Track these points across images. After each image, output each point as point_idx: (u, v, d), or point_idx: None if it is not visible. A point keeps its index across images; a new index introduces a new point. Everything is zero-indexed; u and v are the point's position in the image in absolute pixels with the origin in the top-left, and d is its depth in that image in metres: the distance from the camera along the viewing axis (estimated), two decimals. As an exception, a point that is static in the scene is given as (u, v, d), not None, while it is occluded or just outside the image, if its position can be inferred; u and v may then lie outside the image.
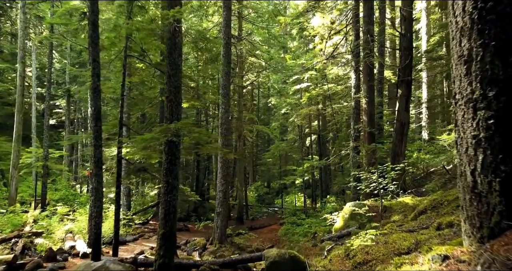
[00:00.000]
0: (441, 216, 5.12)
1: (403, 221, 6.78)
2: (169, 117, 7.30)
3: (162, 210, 7.16)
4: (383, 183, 9.14)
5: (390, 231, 4.68)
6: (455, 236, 3.24)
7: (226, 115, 14.89)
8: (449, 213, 5.19)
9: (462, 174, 2.76)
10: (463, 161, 2.74)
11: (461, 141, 2.78)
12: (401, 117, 12.63)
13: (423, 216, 5.60)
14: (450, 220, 3.66)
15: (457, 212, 5.05)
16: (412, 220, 5.98)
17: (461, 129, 2.79)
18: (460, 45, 2.78)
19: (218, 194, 14.80)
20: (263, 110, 46.17)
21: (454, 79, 2.90)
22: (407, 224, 5.34)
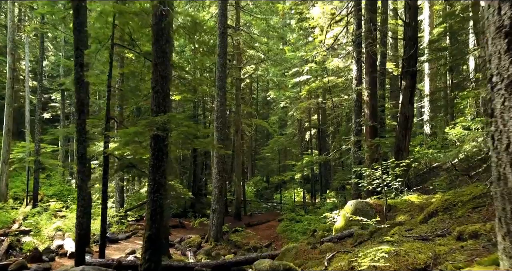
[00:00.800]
0: (456, 220, 4.55)
1: (410, 222, 6.21)
2: (155, 109, 6.70)
3: (148, 210, 6.59)
4: (387, 180, 8.59)
5: (400, 239, 4.11)
6: (484, 251, 2.68)
7: (222, 108, 14.29)
8: (464, 216, 4.62)
9: (500, 177, 2.18)
10: (503, 160, 2.15)
11: (499, 136, 2.19)
12: (405, 110, 12.01)
13: (435, 218, 5.03)
14: (474, 229, 3.09)
15: (475, 215, 4.48)
16: (421, 223, 5.41)
17: (499, 121, 2.20)
18: (499, 14, 2.18)
19: (214, 190, 14.26)
20: (262, 104, 45.52)
21: (490, 58, 2.31)
22: (417, 229, 4.76)
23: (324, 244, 7.41)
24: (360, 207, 8.25)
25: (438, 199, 5.76)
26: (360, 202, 8.41)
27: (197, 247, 13.43)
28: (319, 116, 25.62)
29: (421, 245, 3.40)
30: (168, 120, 6.39)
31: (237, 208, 21.27)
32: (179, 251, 12.98)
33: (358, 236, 6.84)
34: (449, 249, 2.96)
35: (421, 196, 8.44)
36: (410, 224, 6.07)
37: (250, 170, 39.12)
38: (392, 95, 22.04)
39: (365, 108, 12.72)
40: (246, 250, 14.28)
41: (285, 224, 18.11)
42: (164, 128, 6.43)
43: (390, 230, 6.32)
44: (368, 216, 8.01)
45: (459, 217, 4.66)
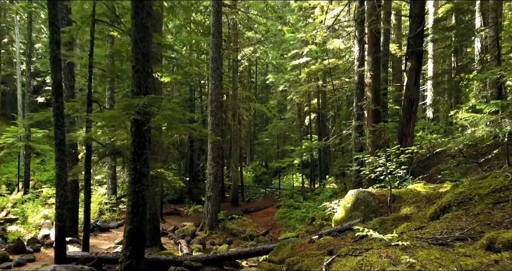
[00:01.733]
0: (475, 218, 3.93)
1: (418, 216, 5.61)
2: (136, 91, 6.02)
3: (129, 202, 5.99)
4: (390, 167, 7.98)
5: (411, 242, 3.49)
6: (530, 272, 2.09)
7: (216, 91, 13.58)
8: (484, 213, 4.01)
9: None
10: None
11: None
12: (410, 93, 11.30)
13: (448, 214, 4.41)
14: (510, 238, 2.47)
15: (497, 212, 3.86)
16: (432, 219, 4.80)
17: None
18: None
19: (209, 177, 13.69)
20: (261, 88, 44.64)
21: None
22: (429, 227, 4.15)
23: (323, 237, 6.84)
24: (361, 197, 7.67)
25: (450, 191, 5.13)
26: (362, 191, 7.82)
27: (191, 235, 12.96)
28: (319, 100, 24.88)
29: (440, 254, 2.78)
30: (149, 103, 5.72)
31: (234, 194, 20.79)
32: (172, 240, 12.50)
33: (360, 231, 6.25)
34: (479, 263, 2.35)
35: (428, 185, 7.84)
36: (418, 219, 5.47)
37: (249, 155, 38.58)
38: (394, 78, 21.27)
39: (367, 91, 12.01)
40: (242, 238, 13.82)
41: (283, 211, 17.64)
42: (145, 112, 5.76)
43: (395, 225, 5.73)
44: (370, 207, 7.45)
45: (477, 214, 4.04)
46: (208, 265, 7.43)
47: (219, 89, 13.72)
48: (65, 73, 11.56)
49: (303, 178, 24.40)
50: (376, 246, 4.36)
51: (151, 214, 10.55)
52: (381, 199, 7.57)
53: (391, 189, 7.05)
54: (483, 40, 19.91)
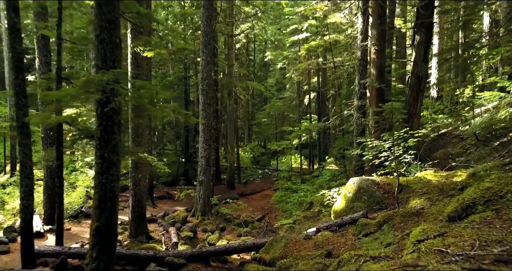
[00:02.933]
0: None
1: (431, 213, 4.80)
2: (100, 65, 5.07)
3: (96, 195, 5.16)
4: (397, 152, 7.13)
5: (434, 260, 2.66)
6: None
7: (207, 68, 12.57)
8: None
9: None
10: None
11: None
12: (418, 70, 10.34)
13: (475, 216, 3.57)
14: None
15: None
16: (452, 220, 3.97)
17: None
18: None
19: (201, 160, 12.87)
20: (260, 66, 43.37)
21: None
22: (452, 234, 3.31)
23: (320, 233, 6.06)
24: (364, 186, 6.84)
25: (474, 186, 4.27)
26: (365, 180, 6.99)
27: (182, 222, 12.25)
28: (319, 79, 23.80)
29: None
30: (114, 80, 4.79)
31: (230, 176, 20.05)
32: (162, 227, 11.79)
33: (363, 226, 5.46)
34: None
35: (439, 172, 7.00)
36: (433, 216, 4.65)
37: (247, 135, 37.74)
38: (398, 55, 20.17)
39: (371, 67, 11.02)
40: (237, 224, 13.14)
41: (281, 194, 16.93)
42: (111, 90, 4.84)
43: (405, 222, 4.92)
44: (374, 198, 6.64)
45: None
46: (193, 262, 6.68)
47: (210, 65, 12.70)
48: (39, 48, 10.57)
49: (302, 159, 23.63)
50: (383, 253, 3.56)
51: (136, 201, 9.80)
52: (387, 188, 6.75)
53: (399, 178, 6.20)
54: (493, 14, 18.70)
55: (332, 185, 14.73)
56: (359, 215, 6.15)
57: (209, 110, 12.65)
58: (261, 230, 12.75)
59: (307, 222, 12.13)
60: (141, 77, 9.61)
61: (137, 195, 9.77)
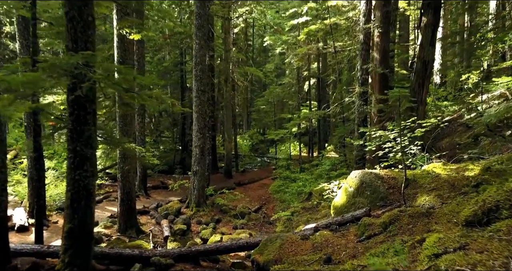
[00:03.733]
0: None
1: (445, 214, 4.26)
2: (71, 46, 4.46)
3: (68, 193, 4.61)
4: (403, 143, 6.58)
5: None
6: None
7: (201, 52, 11.90)
8: None
9: None
10: None
11: None
12: (424, 54, 9.69)
13: (501, 224, 3.03)
14: None
15: None
16: (470, 224, 3.43)
17: None
18: None
19: (195, 150, 12.32)
20: (259, 51, 42.46)
21: None
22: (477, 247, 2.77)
23: (319, 232, 5.54)
24: (367, 180, 6.30)
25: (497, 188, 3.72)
26: (367, 173, 6.44)
27: (175, 214, 11.78)
28: (319, 64, 23.07)
29: None
30: (85, 63, 4.18)
31: (227, 165, 19.54)
32: (154, 219, 11.32)
33: (367, 227, 4.93)
34: None
35: (448, 165, 6.44)
36: (445, 217, 4.12)
37: (246, 122, 37.13)
38: (401, 39, 19.42)
39: (375, 51, 10.36)
40: (233, 216, 12.69)
41: (279, 184, 16.46)
42: (80, 75, 4.24)
43: (414, 224, 4.39)
44: (377, 193, 6.10)
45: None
46: (182, 261, 6.20)
47: (204, 50, 12.03)
48: (20, 30, 9.90)
49: (301, 147, 23.07)
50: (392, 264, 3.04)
51: (125, 193, 9.29)
52: (391, 183, 6.20)
53: (406, 172, 5.65)
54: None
55: (332, 175, 14.24)
56: (361, 212, 5.63)
57: (203, 97, 12.03)
58: (258, 222, 12.31)
59: (306, 214, 11.67)
60: (129, 62, 8.97)
61: (126, 187, 9.25)
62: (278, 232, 10.94)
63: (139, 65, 13.88)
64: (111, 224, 9.70)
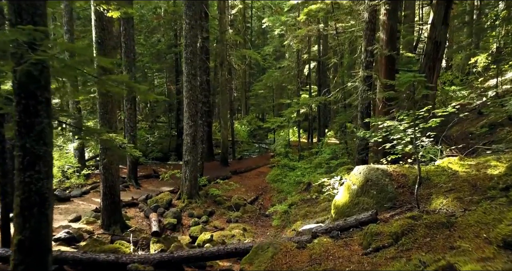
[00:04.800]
0: None
1: (469, 225, 3.51)
2: (14, 20, 3.62)
3: (17, 199, 3.84)
4: (414, 136, 5.82)
5: None
6: None
7: (192, 33, 10.97)
8: None
9: None
10: None
11: None
12: (436, 34, 8.80)
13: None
14: None
15: None
16: (509, 246, 2.68)
17: None
18: None
19: (186, 138, 11.55)
20: (257, 33, 41.18)
21: None
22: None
23: (318, 239, 4.81)
24: (373, 177, 5.54)
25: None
26: (373, 169, 5.67)
27: (166, 206, 11.10)
28: (319, 47, 22.04)
29: None
30: (30, 41, 3.35)
31: (223, 152, 18.80)
32: (143, 212, 10.64)
33: (374, 237, 4.19)
34: None
35: (466, 160, 5.67)
36: (474, 234, 3.37)
37: (244, 107, 36.20)
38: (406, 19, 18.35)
39: (381, 31, 9.45)
40: (227, 208, 12.02)
41: (277, 173, 15.76)
42: (21, 56, 3.41)
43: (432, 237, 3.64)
44: (385, 193, 5.35)
45: None
46: (163, 268, 5.50)
47: (195, 30, 11.10)
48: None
49: (300, 133, 22.29)
50: None
51: (108, 187, 8.56)
52: (401, 181, 5.44)
53: (420, 169, 4.87)
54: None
55: (332, 164, 13.51)
56: (366, 216, 4.89)
57: (194, 82, 11.17)
58: (254, 214, 11.63)
59: (304, 206, 10.97)
60: (108, 43, 8.09)
61: (108, 180, 8.51)
62: (274, 226, 10.30)
63: (126, 47, 12.94)
64: (94, 219, 9.01)
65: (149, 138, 23.96)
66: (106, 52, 8.08)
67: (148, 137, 24.02)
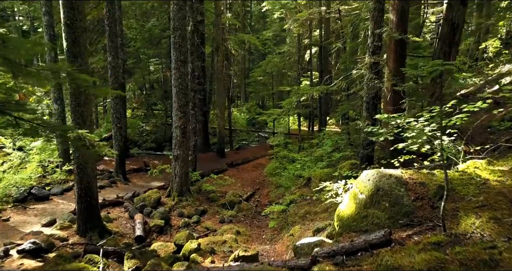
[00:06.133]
0: None
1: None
2: None
3: None
4: (428, 131, 4.89)
5: None
6: None
7: (180, 14, 9.91)
8: None
9: None
10: None
11: None
12: (453, 15, 7.74)
13: None
14: None
15: None
16: None
17: None
18: None
19: (175, 131, 10.61)
20: (257, 18, 39.79)
21: None
22: None
23: (318, 266, 3.90)
24: (385, 186, 4.60)
25: None
26: (385, 176, 4.72)
27: (154, 205, 10.23)
28: (321, 31, 20.84)
29: None
30: None
31: (220, 143, 17.88)
32: (128, 212, 9.77)
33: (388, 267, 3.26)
34: None
35: (495, 164, 4.72)
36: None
37: (244, 95, 35.10)
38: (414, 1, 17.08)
39: (390, 12, 8.37)
40: (221, 205, 11.17)
41: (275, 166, 14.84)
42: None
43: None
44: (400, 206, 4.42)
45: None
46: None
47: (184, 11, 10.02)
48: None
49: (300, 123, 21.31)
50: None
51: (83, 188, 7.66)
52: (419, 191, 4.50)
53: (447, 179, 3.90)
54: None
55: (334, 157, 12.58)
56: (378, 236, 3.97)
57: (184, 69, 10.15)
58: (249, 213, 10.76)
59: (304, 205, 10.10)
60: (79, 24, 7.05)
61: (84, 180, 7.60)
62: (271, 228, 9.43)
63: (110, 31, 11.88)
64: (70, 223, 8.12)
65: (143, 127, 23.05)
66: (76, 36, 7.07)
67: (143, 126, 23.10)
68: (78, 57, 7.18)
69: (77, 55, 7.16)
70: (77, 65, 7.10)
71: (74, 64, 7.12)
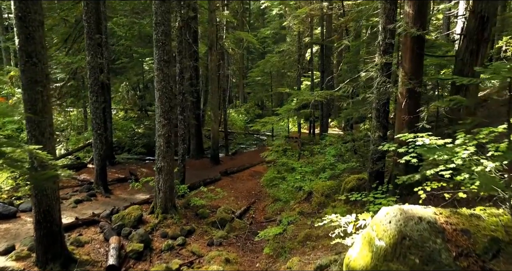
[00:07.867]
0: None
1: None
2: None
3: None
4: (462, 153, 3.76)
5: None
6: None
7: (163, 8, 8.70)
8: None
9: None
10: None
11: None
12: (483, 7, 6.53)
13: None
14: None
15: None
16: None
17: None
18: None
19: (158, 140, 9.41)
20: (257, 15, 38.60)
21: None
22: None
23: None
24: (413, 234, 3.38)
25: None
26: (413, 218, 3.50)
27: (134, 224, 8.99)
28: (322, 29, 19.58)
29: None
30: None
31: (214, 149, 16.66)
32: (103, 233, 8.56)
33: None
34: None
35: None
36: None
37: (242, 95, 33.89)
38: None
39: (406, 4, 7.14)
40: (210, 223, 9.95)
41: (273, 176, 13.57)
42: None
43: None
44: (436, 264, 3.19)
45: None
46: None
47: (167, 5, 8.80)
48: None
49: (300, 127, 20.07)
50: None
51: (42, 212, 6.47)
52: (461, 243, 3.28)
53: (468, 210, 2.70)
54: None
55: (338, 169, 11.37)
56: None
57: (168, 70, 8.94)
58: (242, 233, 9.54)
59: (304, 226, 8.88)
60: (34, 17, 5.85)
61: (43, 203, 6.41)
62: (265, 254, 8.20)
63: (89, 28, 10.67)
64: (29, 252, 6.92)
65: (135, 130, 21.86)
66: (30, 31, 5.87)
67: (135, 129, 21.91)
68: (33, 56, 5.97)
69: (31, 54, 5.96)
70: (31, 65, 5.92)
71: (27, 65, 5.94)
